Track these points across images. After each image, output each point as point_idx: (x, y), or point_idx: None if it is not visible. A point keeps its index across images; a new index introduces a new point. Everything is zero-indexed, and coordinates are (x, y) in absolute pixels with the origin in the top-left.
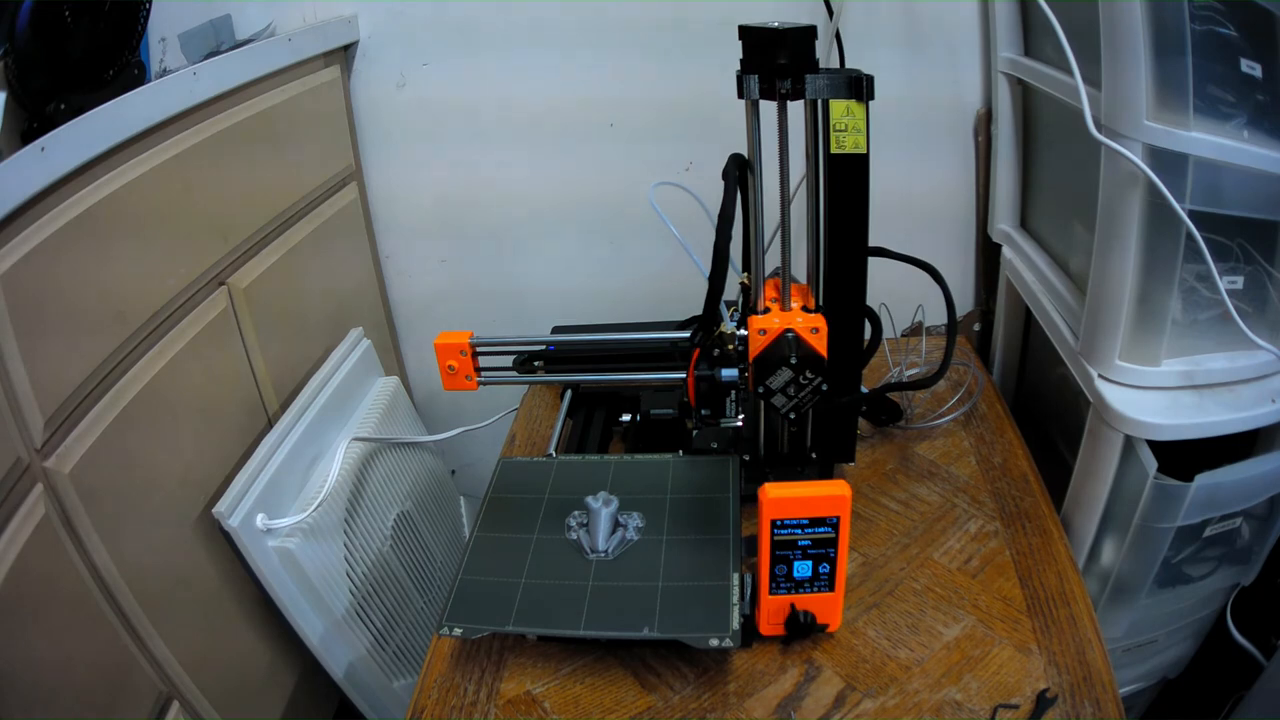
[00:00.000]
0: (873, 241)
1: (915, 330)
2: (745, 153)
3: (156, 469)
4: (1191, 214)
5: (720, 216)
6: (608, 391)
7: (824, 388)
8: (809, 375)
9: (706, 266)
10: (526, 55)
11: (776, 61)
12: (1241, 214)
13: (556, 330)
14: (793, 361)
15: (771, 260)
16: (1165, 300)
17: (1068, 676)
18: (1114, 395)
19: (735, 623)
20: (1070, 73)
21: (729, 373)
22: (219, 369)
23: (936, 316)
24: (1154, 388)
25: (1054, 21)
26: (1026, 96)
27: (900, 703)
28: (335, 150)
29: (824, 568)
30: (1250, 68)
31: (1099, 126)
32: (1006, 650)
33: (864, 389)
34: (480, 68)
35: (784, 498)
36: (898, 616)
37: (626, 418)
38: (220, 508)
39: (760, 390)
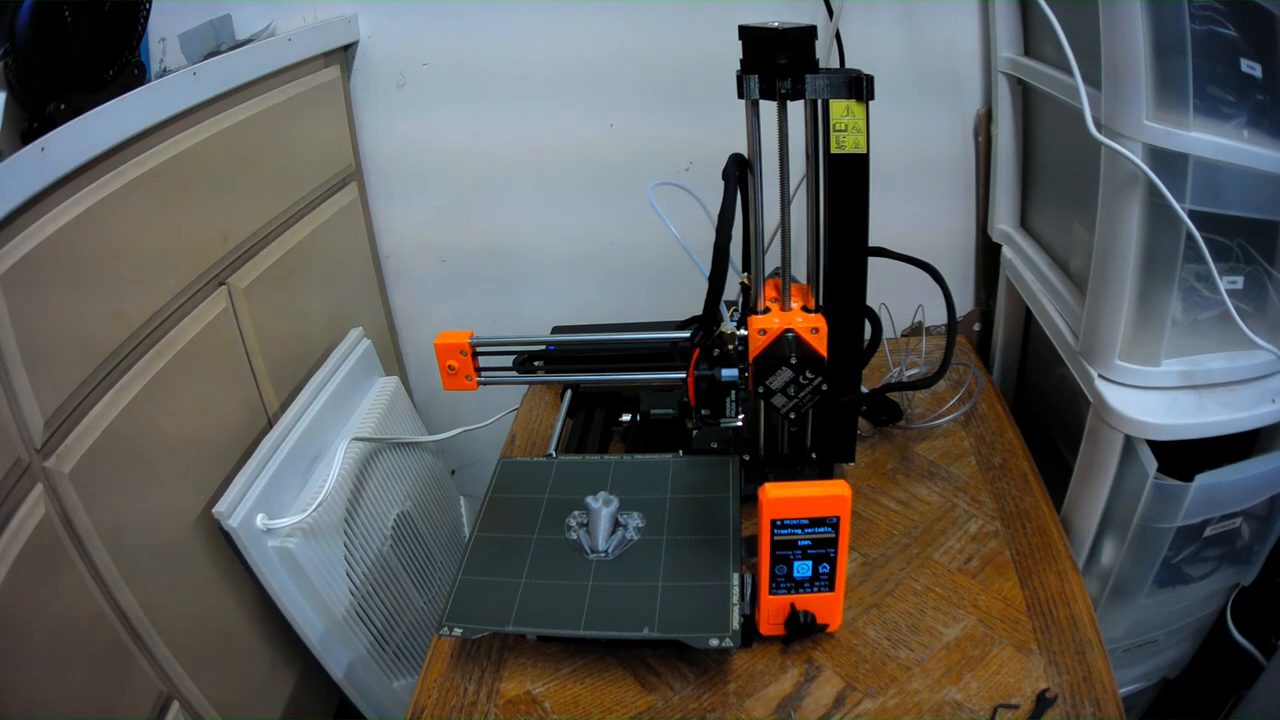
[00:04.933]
0: (873, 242)
1: (915, 330)
2: (745, 153)
3: (156, 469)
4: (1191, 214)
5: (720, 216)
6: (608, 391)
7: (824, 388)
8: (809, 375)
9: (706, 266)
10: (527, 55)
11: (776, 61)
12: (1241, 214)
13: (556, 330)
14: (793, 361)
15: (771, 260)
16: (1165, 300)
17: (1068, 676)
18: (1114, 395)
19: (735, 623)
20: (1070, 73)
21: (729, 373)
22: (219, 369)
23: (936, 316)
24: (1154, 388)
25: (1054, 21)
26: (1026, 96)
27: (900, 703)
28: (335, 150)
29: (824, 568)
30: (1250, 68)
31: (1099, 126)
32: (1006, 650)
33: (864, 389)
34: (480, 68)
35: (784, 498)
36: (898, 616)
37: (626, 418)
38: (220, 508)
39: (760, 390)
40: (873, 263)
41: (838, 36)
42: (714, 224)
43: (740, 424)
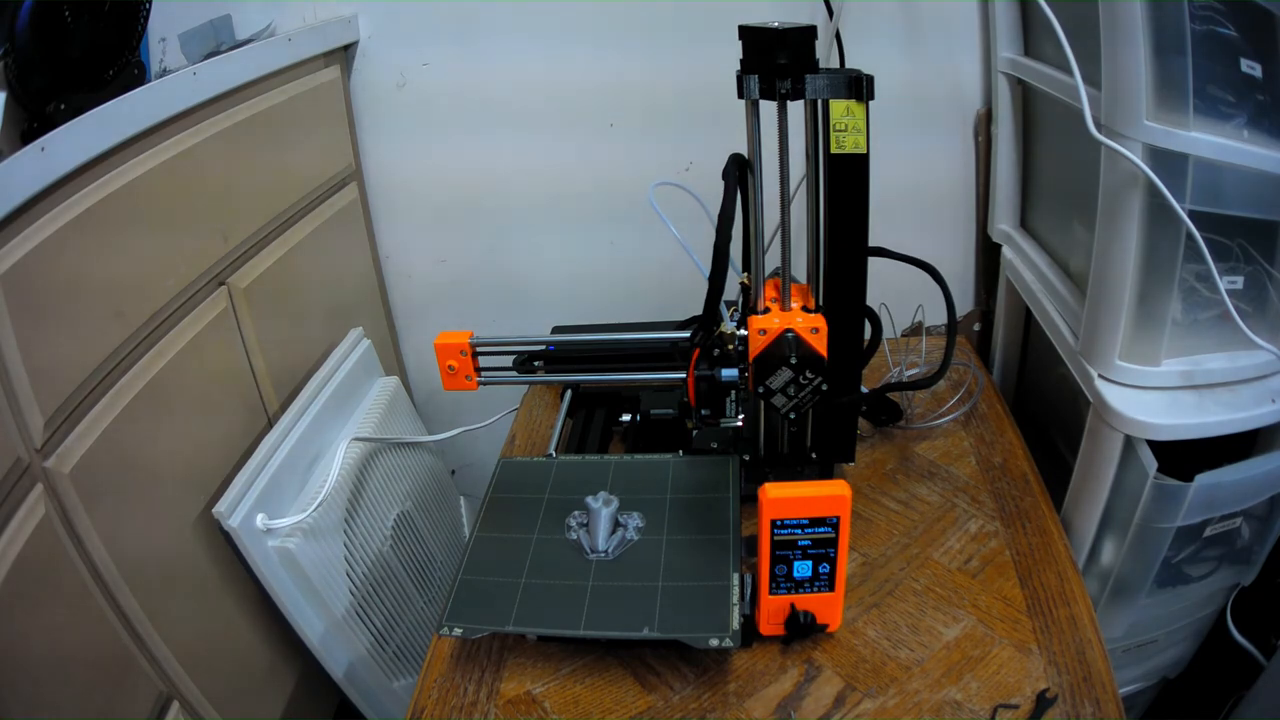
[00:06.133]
0: (873, 241)
1: (915, 330)
2: (745, 152)
3: (156, 469)
4: (1191, 214)
5: (720, 216)
6: (608, 391)
7: (824, 388)
8: (809, 375)
9: (706, 266)
10: (526, 56)
11: (776, 61)
12: (1241, 214)
13: (556, 330)
14: (793, 361)
15: (771, 260)
16: (1165, 300)
17: (1068, 676)
18: (1114, 395)
19: (735, 623)
20: (1070, 73)
21: (729, 373)
22: (219, 369)
23: (936, 316)
24: (1154, 388)
25: (1054, 21)
26: (1026, 96)
27: (900, 703)
28: (335, 150)
29: (824, 568)
30: (1250, 68)
31: (1099, 126)
32: (1006, 650)
33: (864, 389)
34: (480, 68)
35: (784, 498)
36: (898, 616)
37: (626, 418)
38: (220, 507)
39: (760, 390)
40: (873, 263)
41: (838, 36)
42: (714, 224)
43: (740, 424)
